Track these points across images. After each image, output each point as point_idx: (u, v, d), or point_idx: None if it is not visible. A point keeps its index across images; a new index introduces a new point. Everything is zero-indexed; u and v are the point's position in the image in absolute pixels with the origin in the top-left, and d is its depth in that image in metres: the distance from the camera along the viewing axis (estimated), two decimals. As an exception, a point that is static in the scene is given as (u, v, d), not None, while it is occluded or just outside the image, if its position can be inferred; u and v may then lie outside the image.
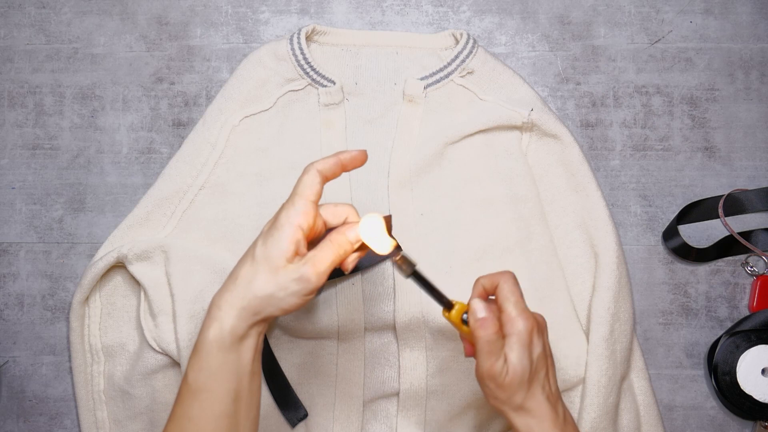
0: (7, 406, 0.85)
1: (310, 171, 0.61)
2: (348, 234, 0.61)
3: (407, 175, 0.82)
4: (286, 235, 0.59)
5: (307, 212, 0.60)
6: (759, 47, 0.87)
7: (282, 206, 0.61)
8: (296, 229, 0.59)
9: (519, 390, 0.62)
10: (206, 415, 0.59)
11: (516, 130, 0.83)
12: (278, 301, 0.59)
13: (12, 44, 0.88)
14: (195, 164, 0.82)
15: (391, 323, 0.80)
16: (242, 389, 0.61)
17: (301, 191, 0.61)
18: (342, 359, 0.80)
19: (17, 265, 0.86)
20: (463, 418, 0.80)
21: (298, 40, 0.83)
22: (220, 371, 0.59)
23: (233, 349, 0.59)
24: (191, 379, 0.60)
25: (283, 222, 0.60)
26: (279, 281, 0.59)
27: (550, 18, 0.88)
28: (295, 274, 0.59)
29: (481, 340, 0.61)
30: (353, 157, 0.63)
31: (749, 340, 0.82)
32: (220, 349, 0.59)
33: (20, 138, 0.87)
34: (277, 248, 0.59)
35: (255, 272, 0.59)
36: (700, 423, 0.84)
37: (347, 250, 0.61)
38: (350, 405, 0.80)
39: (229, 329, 0.59)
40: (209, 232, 0.82)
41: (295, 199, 0.60)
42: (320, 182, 0.61)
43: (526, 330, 0.61)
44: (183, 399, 0.60)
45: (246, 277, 0.60)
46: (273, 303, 0.59)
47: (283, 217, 0.60)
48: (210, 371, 0.59)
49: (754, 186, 0.86)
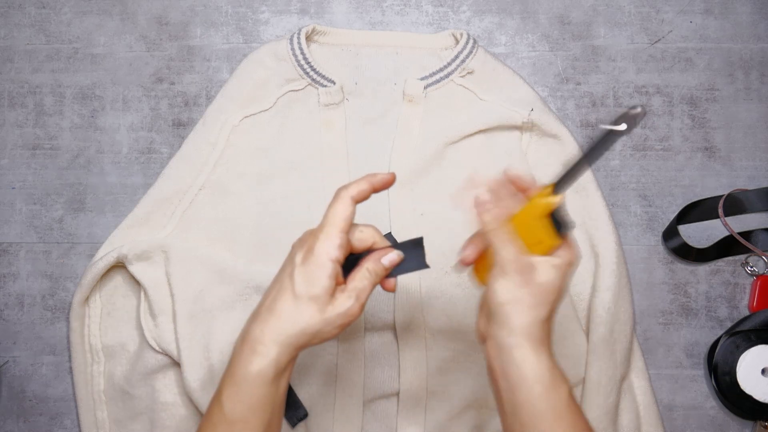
0: (7, 406, 0.85)
1: (343, 199, 0.61)
2: (384, 261, 0.62)
3: (407, 175, 0.82)
4: (327, 272, 0.59)
5: (343, 246, 0.60)
6: (759, 47, 0.87)
7: (315, 235, 0.61)
8: (335, 265, 0.60)
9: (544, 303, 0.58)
10: None
11: (516, 130, 0.83)
12: (323, 334, 0.60)
13: (12, 44, 0.88)
14: (195, 164, 0.82)
15: (391, 323, 0.80)
16: (275, 417, 0.61)
17: (336, 222, 0.60)
18: (342, 359, 0.80)
19: (17, 265, 0.86)
20: (463, 418, 0.80)
21: (298, 40, 0.83)
22: (260, 404, 0.60)
23: (274, 381, 0.60)
24: (228, 410, 0.60)
25: (323, 258, 0.59)
26: (326, 317, 0.59)
27: (550, 18, 0.88)
28: (341, 308, 0.60)
29: None
30: (384, 180, 0.63)
31: (749, 340, 0.82)
32: (263, 383, 0.59)
33: (20, 138, 0.87)
34: (320, 286, 0.59)
35: (299, 309, 0.59)
36: (700, 423, 0.84)
37: (382, 276, 0.62)
38: (350, 405, 0.80)
39: (275, 364, 0.59)
40: (209, 232, 0.82)
41: (330, 231, 0.60)
42: (353, 210, 0.61)
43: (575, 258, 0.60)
44: (217, 427, 0.60)
45: (289, 314, 0.59)
46: (318, 336, 0.60)
47: (321, 252, 0.60)
48: (250, 404, 0.59)
49: (754, 186, 0.86)
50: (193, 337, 0.79)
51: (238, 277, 0.80)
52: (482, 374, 0.80)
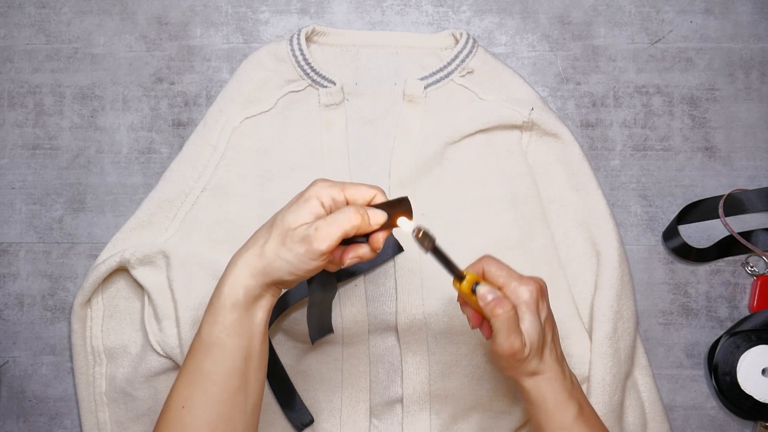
0: (7, 406, 0.85)
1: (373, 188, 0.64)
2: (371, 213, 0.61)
3: (408, 175, 0.82)
4: (308, 207, 0.61)
5: (336, 198, 0.61)
6: (759, 47, 0.87)
7: (314, 181, 0.63)
8: (318, 204, 0.61)
9: (534, 358, 0.63)
10: (218, 369, 0.61)
11: (516, 129, 0.83)
12: (286, 264, 0.60)
13: (12, 44, 0.88)
14: (196, 166, 0.82)
15: (393, 325, 0.80)
16: (253, 349, 0.62)
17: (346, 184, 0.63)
18: (347, 364, 0.80)
19: (17, 265, 0.86)
20: (468, 420, 0.80)
21: (297, 40, 0.83)
22: (233, 327, 0.61)
23: (247, 307, 0.61)
24: (205, 333, 0.62)
25: (310, 194, 0.61)
26: (287, 242, 0.60)
27: (550, 18, 0.88)
28: (300, 234, 0.60)
29: (500, 318, 0.61)
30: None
31: (749, 340, 0.82)
32: (235, 306, 0.61)
33: (20, 138, 0.87)
34: (294, 216, 0.61)
35: (270, 235, 0.61)
36: (700, 423, 0.84)
37: (360, 225, 0.61)
38: (357, 410, 0.80)
39: (243, 287, 0.61)
40: (211, 234, 0.82)
41: (331, 183, 0.62)
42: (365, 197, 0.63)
43: (532, 296, 0.63)
44: (195, 353, 0.62)
45: (261, 239, 0.62)
46: (282, 266, 0.60)
47: (311, 192, 0.62)
48: (224, 326, 0.61)
49: (754, 186, 0.86)
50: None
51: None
52: (485, 376, 0.80)
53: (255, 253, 0.61)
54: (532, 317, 0.63)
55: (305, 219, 0.60)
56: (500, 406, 0.80)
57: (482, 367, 0.80)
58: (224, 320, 0.61)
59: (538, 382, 0.64)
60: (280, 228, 0.61)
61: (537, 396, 0.65)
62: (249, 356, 0.62)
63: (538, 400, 0.65)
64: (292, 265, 0.60)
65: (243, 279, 0.61)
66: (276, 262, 0.60)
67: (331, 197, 0.61)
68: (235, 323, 0.61)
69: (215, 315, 0.61)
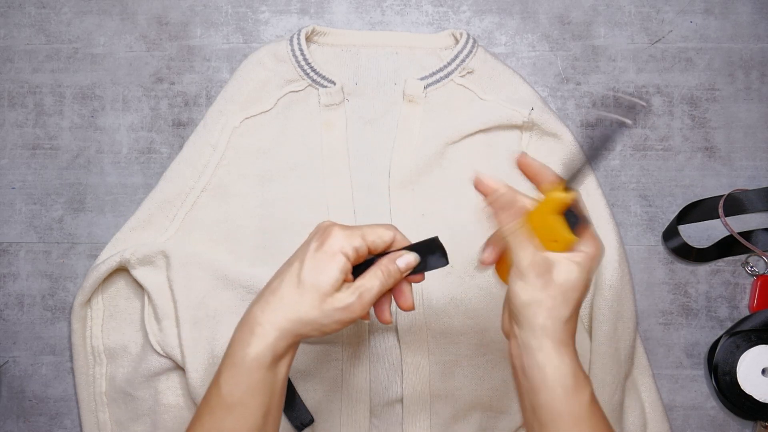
0: (7, 406, 0.85)
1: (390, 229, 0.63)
2: (399, 263, 0.62)
3: (408, 176, 0.82)
4: (336, 264, 0.60)
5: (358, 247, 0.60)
6: (759, 47, 0.87)
7: (333, 227, 0.61)
8: (345, 259, 0.60)
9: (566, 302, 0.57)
10: (239, 428, 0.60)
11: (516, 129, 0.83)
12: (321, 326, 0.60)
13: (12, 44, 0.88)
14: (196, 166, 0.82)
15: (393, 325, 0.80)
16: (273, 405, 0.61)
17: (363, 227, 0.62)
18: (347, 364, 0.80)
19: (17, 265, 0.86)
20: (469, 420, 0.80)
21: (297, 40, 0.83)
22: (258, 387, 0.60)
23: (272, 367, 0.60)
24: (226, 393, 0.60)
25: (334, 248, 0.60)
26: (325, 309, 0.59)
27: (550, 18, 0.88)
28: (341, 303, 0.60)
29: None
30: None
31: (749, 340, 0.82)
32: (260, 367, 0.59)
33: (20, 138, 0.87)
34: (326, 276, 0.59)
35: (301, 297, 0.59)
36: (700, 423, 0.84)
37: (396, 279, 0.62)
38: (357, 410, 0.80)
39: (272, 348, 0.59)
40: (211, 234, 0.82)
41: (351, 229, 0.61)
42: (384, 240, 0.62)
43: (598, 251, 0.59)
44: (215, 411, 0.60)
45: (290, 298, 0.60)
46: (316, 327, 0.60)
47: (334, 243, 0.60)
48: (248, 387, 0.59)
49: (754, 186, 0.86)
50: (197, 342, 0.79)
51: (241, 282, 0.80)
52: (485, 376, 0.80)
53: (285, 315, 0.59)
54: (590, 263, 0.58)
55: (336, 277, 0.59)
56: (500, 406, 0.80)
57: (482, 367, 0.80)
58: (249, 381, 0.59)
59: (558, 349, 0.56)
60: (313, 292, 0.59)
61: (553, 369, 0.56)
62: (269, 412, 0.61)
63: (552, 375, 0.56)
64: (327, 327, 0.60)
65: (272, 341, 0.59)
66: (311, 325, 0.60)
67: (354, 249, 0.60)
68: (260, 383, 0.60)
69: (238, 375, 0.59)
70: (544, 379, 0.57)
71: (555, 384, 0.57)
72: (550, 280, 0.57)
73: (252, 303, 0.62)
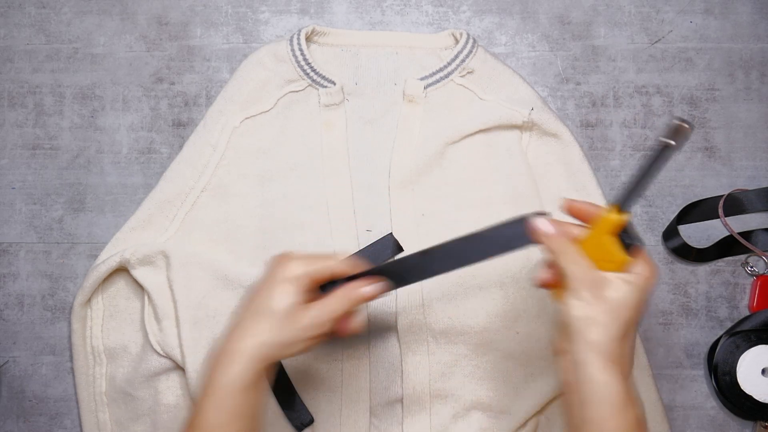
0: (7, 406, 0.85)
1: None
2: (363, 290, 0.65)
3: (408, 176, 0.82)
4: (286, 290, 0.63)
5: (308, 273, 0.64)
6: (759, 47, 0.87)
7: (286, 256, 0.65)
8: (295, 284, 0.64)
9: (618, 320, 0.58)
10: None
11: (516, 129, 0.83)
12: (290, 345, 0.64)
13: (12, 44, 0.88)
14: (196, 166, 0.82)
15: (393, 325, 0.80)
16: (255, 426, 0.64)
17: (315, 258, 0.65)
18: (347, 364, 0.80)
19: (17, 265, 0.86)
20: (469, 420, 0.80)
21: (297, 40, 0.83)
22: (238, 413, 0.62)
23: (245, 392, 0.62)
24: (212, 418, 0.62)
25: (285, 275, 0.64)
26: (289, 330, 0.63)
27: (550, 18, 0.88)
28: (301, 323, 0.63)
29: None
30: None
31: (749, 340, 0.82)
32: (236, 393, 0.62)
33: (20, 138, 0.87)
34: (279, 302, 0.63)
35: (259, 323, 0.63)
36: (700, 423, 0.84)
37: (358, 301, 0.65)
38: (357, 410, 0.80)
39: (241, 376, 0.62)
40: (211, 234, 0.82)
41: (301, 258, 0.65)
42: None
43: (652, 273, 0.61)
44: None
45: (250, 327, 0.63)
46: (284, 351, 0.64)
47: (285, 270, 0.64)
48: (228, 413, 0.62)
49: (754, 186, 0.86)
50: (197, 343, 0.79)
51: (241, 282, 0.80)
52: (485, 376, 0.80)
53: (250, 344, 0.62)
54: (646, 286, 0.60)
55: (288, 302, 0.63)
56: (500, 406, 0.80)
57: (482, 367, 0.80)
58: (228, 407, 0.62)
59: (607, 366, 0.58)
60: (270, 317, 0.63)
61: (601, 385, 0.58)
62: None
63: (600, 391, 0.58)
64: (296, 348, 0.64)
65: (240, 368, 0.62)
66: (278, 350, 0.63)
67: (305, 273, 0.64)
68: (239, 408, 0.62)
69: (217, 401, 0.62)
70: (593, 394, 0.58)
71: (603, 401, 0.58)
72: (603, 297, 0.59)
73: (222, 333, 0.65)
